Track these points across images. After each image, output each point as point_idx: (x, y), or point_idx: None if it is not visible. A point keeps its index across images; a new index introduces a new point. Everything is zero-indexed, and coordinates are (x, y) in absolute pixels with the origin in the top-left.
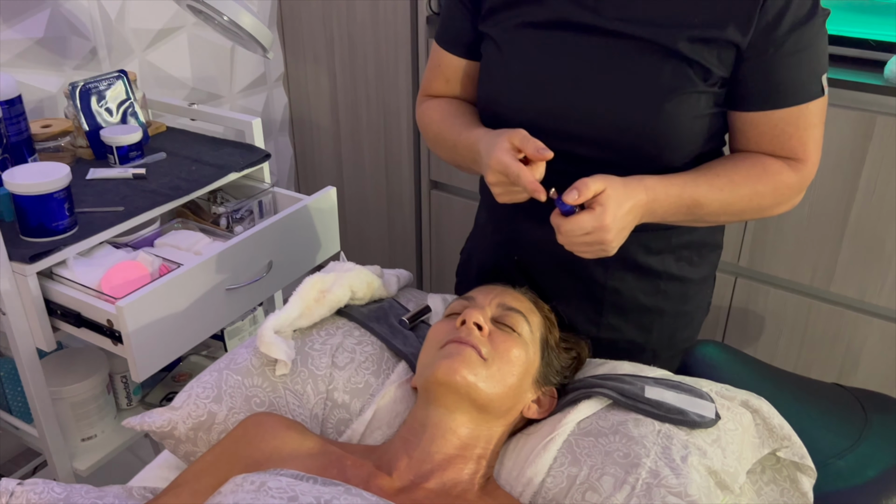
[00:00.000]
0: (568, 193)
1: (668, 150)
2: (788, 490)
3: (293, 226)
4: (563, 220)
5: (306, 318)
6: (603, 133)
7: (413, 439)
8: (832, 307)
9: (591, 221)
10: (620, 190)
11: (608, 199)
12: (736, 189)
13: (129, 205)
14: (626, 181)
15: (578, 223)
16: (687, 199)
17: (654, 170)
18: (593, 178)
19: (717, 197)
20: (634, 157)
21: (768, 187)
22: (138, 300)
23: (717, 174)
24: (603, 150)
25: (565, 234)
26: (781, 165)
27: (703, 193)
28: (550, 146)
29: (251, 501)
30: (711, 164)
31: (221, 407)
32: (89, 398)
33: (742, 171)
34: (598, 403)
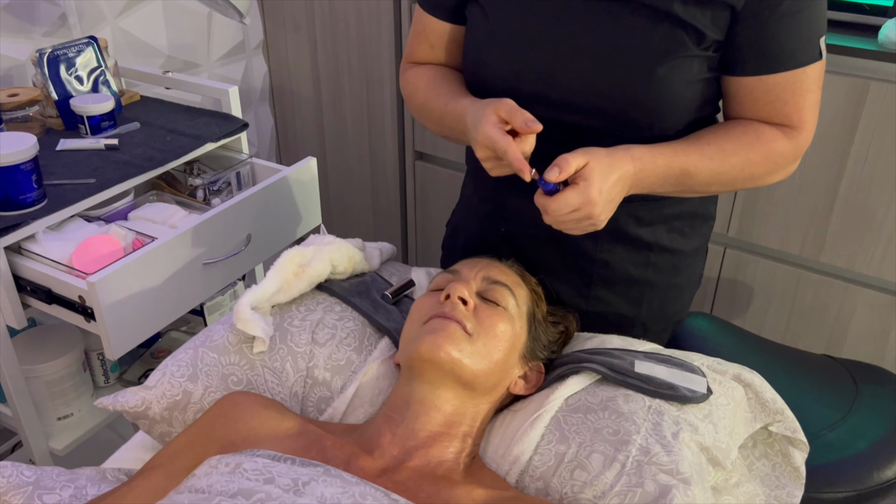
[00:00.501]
0: (549, 171)
1: (660, 116)
2: (780, 464)
3: (272, 198)
4: (547, 200)
5: (285, 293)
6: (592, 100)
7: (396, 416)
8: (821, 277)
9: (576, 198)
10: (604, 161)
11: (592, 171)
12: (727, 158)
13: (100, 177)
14: (611, 152)
15: (564, 201)
16: (676, 169)
17: (647, 138)
18: (574, 153)
19: (707, 166)
20: (626, 125)
21: (761, 155)
22: (111, 275)
23: (707, 142)
24: (593, 118)
25: (552, 213)
26: (776, 133)
27: (692, 162)
28: (538, 114)
29: (226, 484)
30: (702, 133)
31: (197, 386)
32: (64, 376)
33: (734, 139)
34: (587, 379)
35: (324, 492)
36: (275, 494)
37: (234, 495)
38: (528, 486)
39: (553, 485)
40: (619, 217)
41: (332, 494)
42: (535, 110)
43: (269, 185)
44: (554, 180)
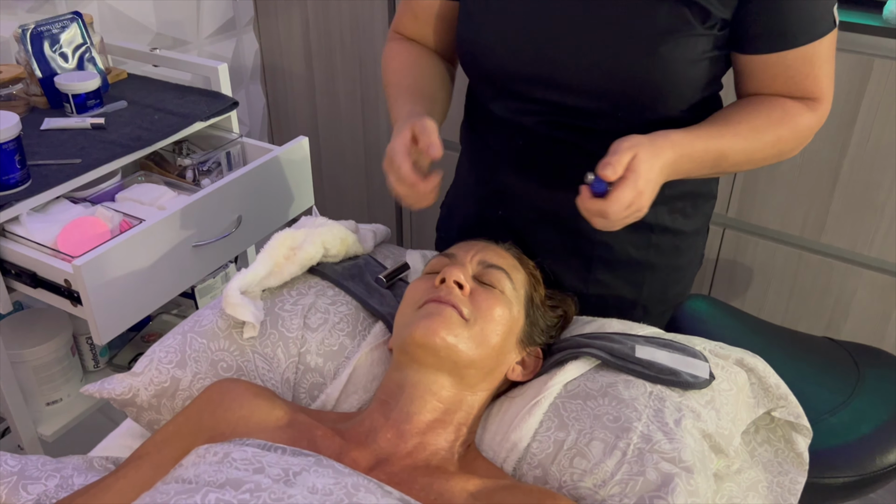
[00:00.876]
0: (602, 168)
1: (663, 97)
2: (783, 450)
3: (263, 178)
4: (604, 203)
5: (276, 276)
6: (594, 81)
7: (390, 401)
8: (822, 258)
9: (630, 192)
10: (649, 150)
11: (640, 163)
12: (759, 136)
13: (86, 157)
14: (653, 139)
15: (620, 200)
16: (713, 152)
17: (651, 119)
18: (621, 148)
19: (741, 147)
20: (629, 107)
21: (790, 131)
22: (97, 258)
23: (739, 122)
24: (594, 100)
25: (612, 214)
26: (800, 107)
27: (728, 145)
28: (537, 96)
29: (214, 474)
30: (731, 112)
31: (186, 372)
32: (52, 361)
33: (763, 117)
34: (586, 364)
35: (315, 482)
36: (264, 485)
37: (223, 486)
38: (526, 473)
39: (552, 473)
40: None
41: (324, 485)
42: (533, 92)
43: (260, 165)
44: (613, 178)
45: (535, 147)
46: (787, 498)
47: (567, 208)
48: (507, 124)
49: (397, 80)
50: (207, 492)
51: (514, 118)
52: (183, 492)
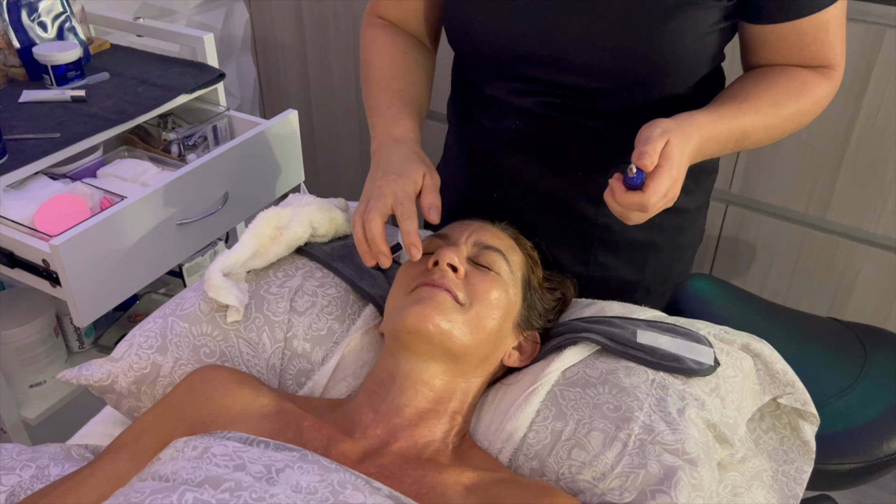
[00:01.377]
0: (640, 158)
1: (668, 74)
2: (789, 438)
3: (251, 153)
4: (644, 195)
5: (261, 257)
6: (595, 58)
7: (380, 391)
8: (827, 236)
9: (667, 181)
10: (681, 136)
11: (673, 149)
12: (780, 111)
13: (66, 131)
14: (680, 123)
15: (659, 189)
16: (736, 132)
17: (654, 97)
18: (652, 135)
19: (763, 123)
20: (632, 84)
21: (809, 103)
22: (76, 237)
23: (759, 97)
24: (596, 79)
25: (652, 207)
26: (816, 77)
27: (750, 122)
28: (535, 76)
29: (192, 471)
30: (750, 87)
31: (167, 358)
32: (35, 342)
33: (782, 90)
34: (585, 350)
35: (299, 480)
36: (245, 483)
37: (201, 484)
38: (523, 465)
39: (549, 465)
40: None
41: (308, 483)
42: (530, 72)
43: (248, 139)
44: (652, 168)
45: (533, 128)
46: (793, 487)
47: (567, 190)
48: (501, 105)
49: (386, 82)
50: (185, 491)
51: (510, 99)
52: (158, 490)
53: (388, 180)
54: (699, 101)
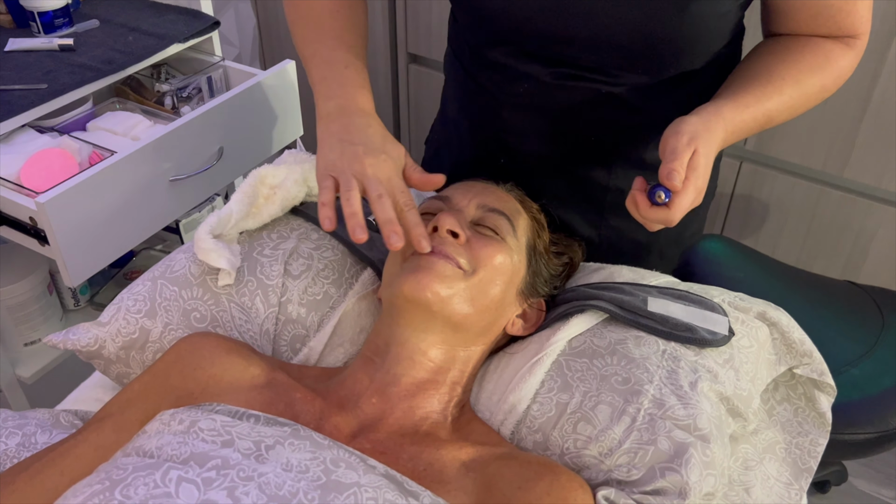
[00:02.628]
0: (669, 178)
1: (688, 55)
2: (804, 409)
3: (247, 106)
4: (668, 212)
5: (254, 218)
6: (614, 37)
7: (376, 359)
8: (843, 194)
9: (693, 193)
10: (707, 140)
11: (700, 158)
12: (803, 90)
13: (54, 81)
14: (707, 122)
15: (684, 204)
16: (761, 118)
17: (671, 74)
18: (679, 146)
19: (787, 105)
20: (650, 63)
21: (832, 77)
22: (63, 194)
23: (782, 77)
24: (614, 57)
25: (677, 219)
26: (841, 48)
27: (774, 106)
28: (551, 54)
29: (177, 447)
30: (771, 65)
31: (156, 323)
32: (28, 300)
33: (805, 67)
34: (593, 318)
35: (290, 457)
36: (233, 461)
37: (186, 461)
38: (526, 438)
39: (553, 438)
40: (634, 142)
41: (300, 461)
42: (547, 50)
43: (243, 91)
44: (680, 187)
45: (542, 91)
46: (807, 460)
47: (578, 154)
48: (508, 69)
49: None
50: (169, 468)
51: (518, 66)
52: (142, 468)
53: (378, 160)
54: (715, 73)
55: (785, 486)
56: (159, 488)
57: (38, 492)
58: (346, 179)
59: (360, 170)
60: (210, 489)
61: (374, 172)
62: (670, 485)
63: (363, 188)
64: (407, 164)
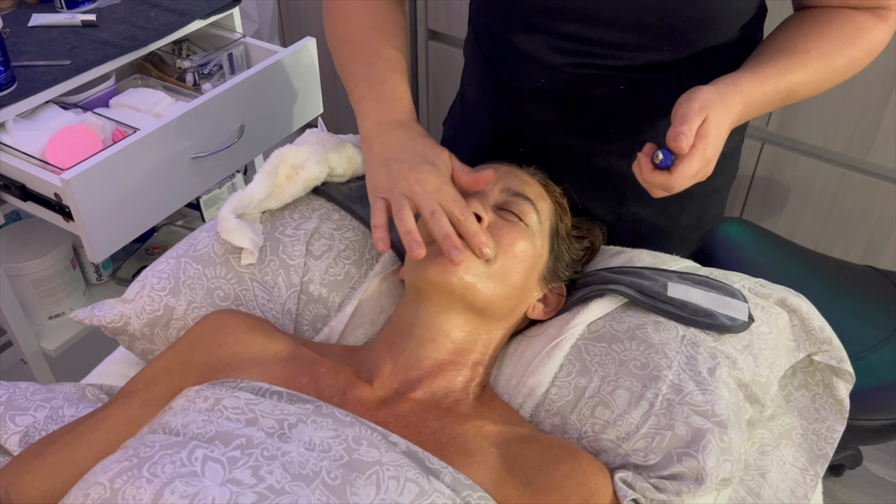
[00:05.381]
0: (675, 140)
1: (711, 29)
2: (821, 395)
3: (267, 83)
4: (669, 178)
5: (276, 198)
6: (636, 15)
7: (399, 342)
8: (866, 178)
9: (698, 162)
10: (721, 111)
11: (710, 128)
12: (830, 63)
13: (77, 58)
14: (722, 93)
15: (688, 172)
16: (783, 91)
17: (690, 49)
18: (690, 112)
19: (812, 79)
20: (673, 41)
21: (862, 51)
22: (87, 171)
23: (807, 50)
24: (635, 35)
25: (678, 187)
26: (872, 20)
27: (798, 80)
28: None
29: (203, 425)
30: (798, 37)
31: (180, 300)
32: (52, 274)
33: (833, 39)
34: (613, 302)
35: (312, 436)
36: (256, 440)
37: (212, 440)
38: (544, 420)
39: (571, 422)
40: (655, 129)
41: (322, 439)
42: (564, 27)
43: (264, 69)
44: (686, 150)
45: (562, 83)
46: (823, 447)
47: (598, 144)
48: (528, 61)
49: (371, 45)
50: (195, 447)
51: (538, 55)
52: (169, 446)
53: (422, 173)
54: (737, 52)
55: (801, 472)
56: (185, 467)
57: (66, 463)
58: (396, 200)
59: (408, 188)
60: (235, 468)
61: (421, 188)
62: (687, 470)
63: (415, 205)
64: (454, 168)
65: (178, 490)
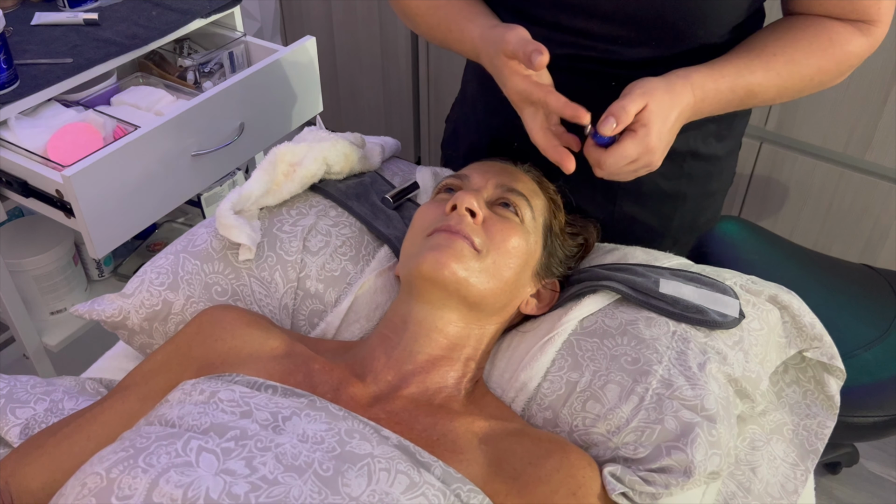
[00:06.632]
0: (603, 123)
1: (705, 25)
2: (812, 392)
3: (267, 82)
4: (602, 154)
5: (274, 195)
6: (628, 7)
7: (393, 337)
8: (864, 177)
9: (635, 148)
10: (665, 100)
11: (651, 115)
12: (796, 69)
13: (79, 56)
14: (670, 83)
15: (621, 154)
16: (740, 92)
17: (688, 47)
18: (631, 97)
19: (774, 83)
20: (665, 35)
21: (833, 61)
22: (88, 168)
23: (773, 54)
24: (626, 28)
25: (608, 167)
26: (850, 31)
27: (758, 81)
28: (562, 23)
29: (198, 417)
30: (766, 39)
31: (178, 295)
32: (54, 270)
33: (803, 47)
34: (605, 298)
35: (305, 428)
36: (251, 431)
37: (206, 431)
38: (536, 415)
39: (562, 416)
40: None
41: (315, 432)
42: (557, 18)
43: (264, 67)
44: (610, 133)
45: (555, 77)
46: (814, 442)
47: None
48: None
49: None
50: (190, 438)
51: None
52: (164, 437)
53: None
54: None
55: (791, 467)
56: (180, 457)
57: (65, 455)
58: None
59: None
60: (229, 459)
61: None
62: (676, 463)
63: None
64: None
65: (172, 479)
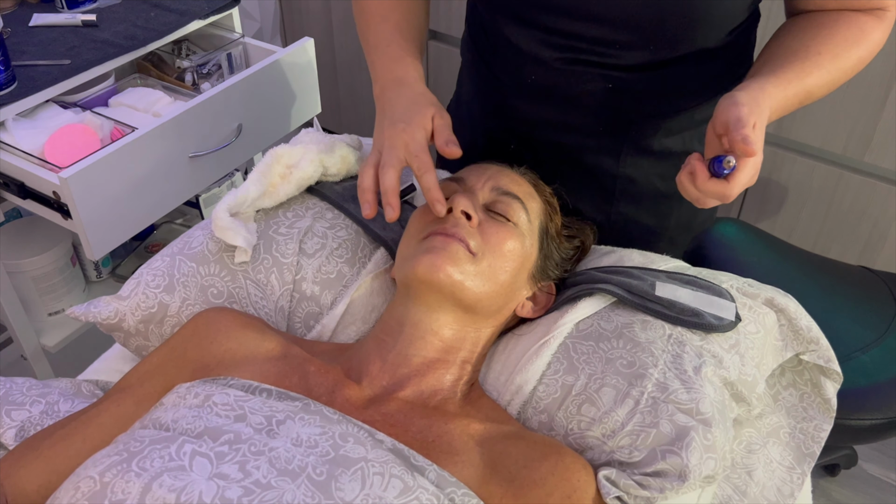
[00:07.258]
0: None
1: (701, 29)
2: (809, 395)
3: (265, 83)
4: (728, 186)
5: (270, 197)
6: (624, 10)
7: (388, 340)
8: (864, 178)
9: (752, 171)
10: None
11: (759, 133)
12: (841, 64)
13: (77, 57)
14: (756, 98)
15: (742, 181)
16: (801, 94)
17: (684, 50)
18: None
19: (826, 80)
20: (663, 39)
21: (867, 51)
22: (85, 170)
23: (819, 52)
24: (624, 32)
25: (733, 196)
26: (872, 21)
27: (814, 82)
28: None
29: (192, 420)
30: (804, 40)
31: (174, 298)
32: (52, 271)
33: (841, 41)
34: (601, 301)
35: (300, 432)
36: (245, 435)
37: (200, 435)
38: (531, 418)
39: (558, 419)
40: (644, 130)
41: (309, 436)
42: (554, 21)
43: (262, 69)
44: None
45: (552, 80)
46: (811, 445)
47: (587, 143)
48: (519, 56)
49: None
50: (184, 442)
51: (529, 49)
52: (158, 440)
53: (396, 130)
54: (725, 57)
55: (787, 470)
56: (174, 461)
57: (61, 458)
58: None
59: (380, 143)
60: (222, 463)
61: (391, 143)
62: (670, 467)
63: None
64: (435, 126)
65: (165, 484)
